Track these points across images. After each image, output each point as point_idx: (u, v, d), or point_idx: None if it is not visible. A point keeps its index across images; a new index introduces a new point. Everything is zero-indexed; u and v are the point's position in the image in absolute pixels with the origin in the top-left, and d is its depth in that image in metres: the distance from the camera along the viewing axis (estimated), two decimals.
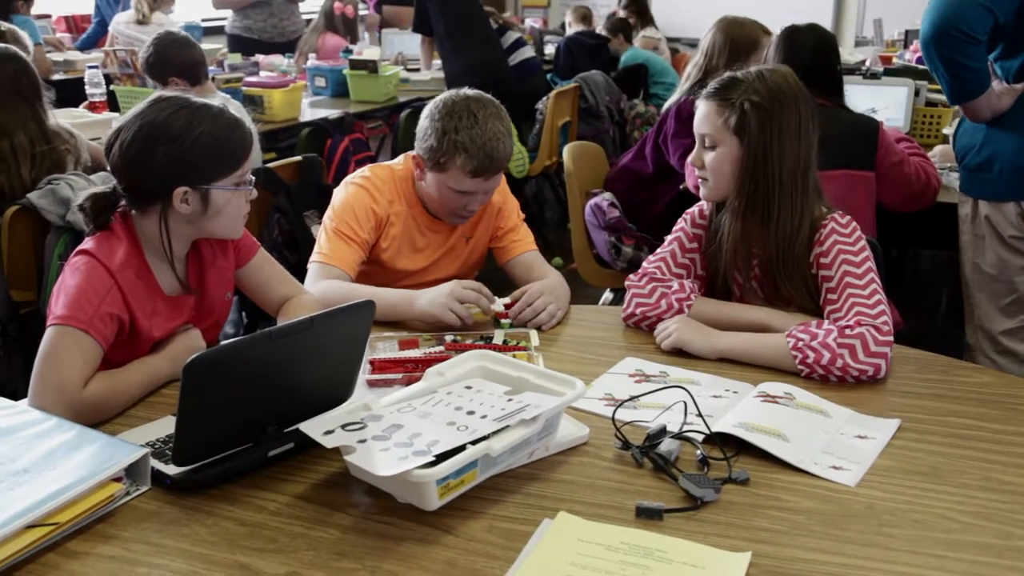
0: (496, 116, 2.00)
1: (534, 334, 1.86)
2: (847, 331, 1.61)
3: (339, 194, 2.12)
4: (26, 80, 2.56)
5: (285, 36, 6.04)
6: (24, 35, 3.75)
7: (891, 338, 1.62)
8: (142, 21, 5.51)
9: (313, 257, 2.04)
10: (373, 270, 2.11)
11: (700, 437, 1.40)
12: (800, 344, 1.62)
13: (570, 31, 6.61)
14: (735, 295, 1.88)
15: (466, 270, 2.23)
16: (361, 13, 6.46)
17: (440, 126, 1.97)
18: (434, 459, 1.19)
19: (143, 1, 5.53)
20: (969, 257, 2.55)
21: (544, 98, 4.78)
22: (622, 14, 6.64)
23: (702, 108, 1.80)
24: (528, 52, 5.44)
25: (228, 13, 6.17)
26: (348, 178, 2.15)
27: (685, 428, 1.42)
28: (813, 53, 2.71)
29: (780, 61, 2.71)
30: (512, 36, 5.38)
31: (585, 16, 6.65)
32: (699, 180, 1.84)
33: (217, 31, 6.95)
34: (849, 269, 1.70)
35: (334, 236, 2.04)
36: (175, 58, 3.30)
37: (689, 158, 1.86)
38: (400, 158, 2.19)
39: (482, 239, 2.23)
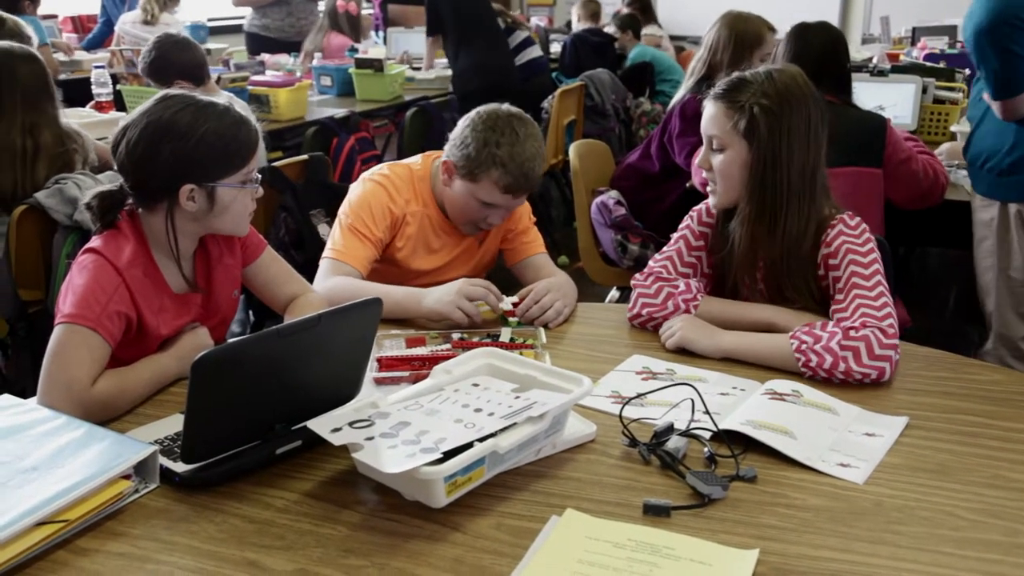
0: (535, 137, 2.02)
1: (541, 332, 1.86)
2: (852, 333, 1.60)
3: (356, 190, 2.12)
4: (50, 79, 2.59)
5: (303, 35, 6.01)
6: (27, 27, 3.76)
7: (896, 341, 1.61)
8: (149, 21, 5.52)
9: (326, 252, 2.04)
10: (387, 269, 2.11)
11: (707, 434, 1.40)
12: (803, 347, 1.62)
13: (577, 27, 6.60)
14: (742, 296, 1.87)
15: (478, 271, 2.23)
16: (365, 12, 6.45)
17: (482, 137, 1.98)
18: (441, 456, 1.20)
19: (152, 1, 5.54)
20: (992, 263, 2.50)
21: (549, 96, 4.77)
22: (626, 11, 6.63)
23: (710, 109, 1.79)
24: (536, 52, 5.43)
25: (245, 11, 6.18)
26: (367, 174, 2.15)
27: (692, 425, 1.42)
28: (823, 50, 2.71)
29: (790, 58, 2.70)
30: (520, 35, 5.37)
31: (595, 13, 6.62)
32: (707, 184, 1.84)
33: (223, 30, 6.97)
34: (856, 270, 1.69)
35: (348, 233, 2.04)
36: (177, 60, 3.31)
37: (696, 160, 1.85)
38: (418, 157, 2.19)
39: (494, 241, 2.23)
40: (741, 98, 1.73)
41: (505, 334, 1.84)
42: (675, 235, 1.93)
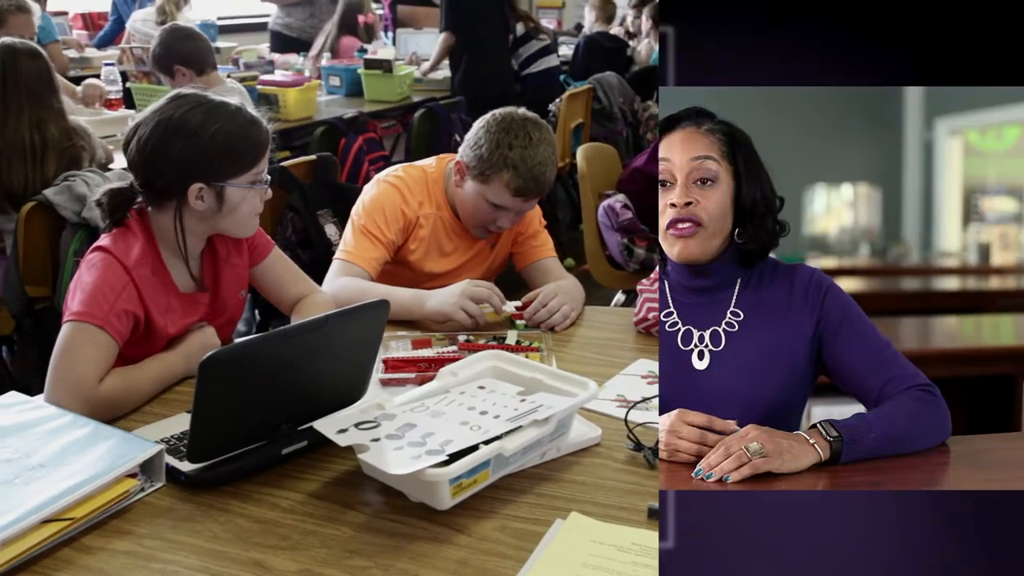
0: (549, 143, 2.03)
1: (547, 335, 1.86)
2: None
3: (370, 191, 2.12)
4: (53, 74, 2.60)
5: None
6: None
7: None
8: (163, 21, 5.53)
9: (337, 253, 2.05)
10: (400, 271, 2.12)
11: None
12: None
13: (591, 27, 6.58)
14: None
15: (489, 275, 2.23)
16: (376, 12, 6.46)
17: (495, 139, 1.98)
18: (447, 458, 1.20)
19: (171, 2, 5.55)
20: None
21: (557, 100, 4.77)
22: (631, 13, 6.61)
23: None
24: (552, 61, 5.37)
25: (268, 8, 6.19)
26: (380, 175, 2.15)
27: None
28: None
29: None
30: (537, 44, 5.33)
31: (611, 16, 6.59)
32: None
33: (234, 28, 6.99)
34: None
35: (360, 234, 2.04)
36: (179, 48, 3.33)
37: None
38: (432, 159, 2.19)
39: (505, 244, 2.23)
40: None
41: (511, 337, 1.84)
42: None
